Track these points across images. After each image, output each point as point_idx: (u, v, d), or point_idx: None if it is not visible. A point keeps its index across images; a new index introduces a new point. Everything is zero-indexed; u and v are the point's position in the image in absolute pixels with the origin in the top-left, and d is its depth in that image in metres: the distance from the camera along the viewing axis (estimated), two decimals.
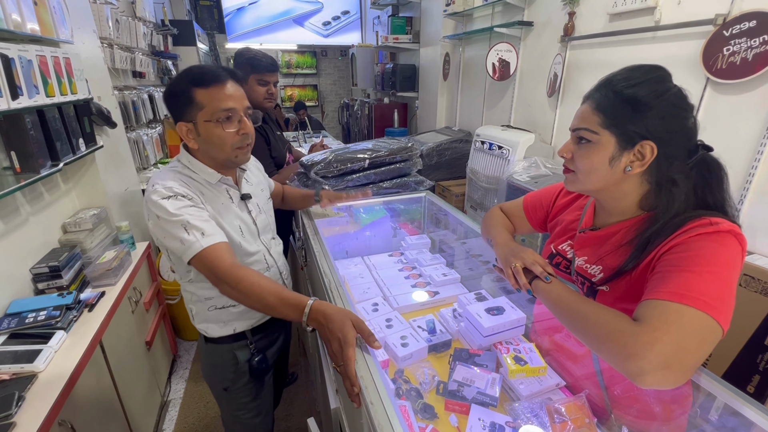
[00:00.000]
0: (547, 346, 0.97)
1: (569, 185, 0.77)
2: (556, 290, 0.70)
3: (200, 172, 0.97)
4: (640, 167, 0.67)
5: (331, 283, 0.87)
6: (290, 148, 1.83)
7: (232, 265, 0.85)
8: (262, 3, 5.66)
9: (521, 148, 2.44)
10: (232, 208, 1.02)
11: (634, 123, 0.65)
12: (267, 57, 1.55)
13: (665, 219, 0.66)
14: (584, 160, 0.71)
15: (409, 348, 0.99)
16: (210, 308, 1.03)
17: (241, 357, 1.08)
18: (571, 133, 0.74)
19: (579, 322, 0.64)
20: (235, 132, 0.92)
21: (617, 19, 1.99)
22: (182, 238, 0.85)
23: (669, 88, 0.65)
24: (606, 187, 0.72)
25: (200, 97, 0.89)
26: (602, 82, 0.70)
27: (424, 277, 1.35)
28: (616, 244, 0.73)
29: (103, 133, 1.79)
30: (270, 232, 1.15)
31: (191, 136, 0.93)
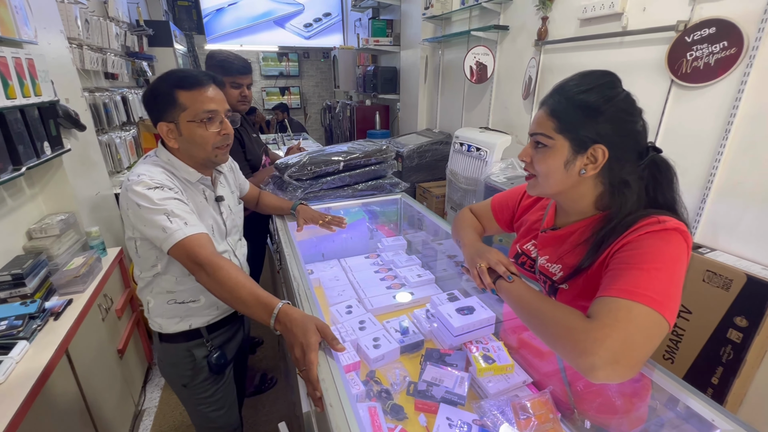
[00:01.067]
0: (515, 344, 0.99)
1: (531, 190, 0.79)
2: (517, 289, 0.72)
3: (181, 170, 0.99)
4: (593, 170, 0.69)
5: (300, 287, 0.86)
6: (267, 150, 1.82)
7: (213, 253, 0.86)
8: (242, 4, 5.60)
9: (498, 150, 2.48)
10: (207, 208, 1.04)
11: (586, 128, 0.67)
12: (239, 59, 1.54)
13: (618, 218, 0.68)
14: (542, 164, 0.73)
15: (380, 349, 1.00)
16: (169, 301, 1.03)
17: (198, 354, 1.08)
18: (530, 137, 0.76)
19: (537, 320, 0.66)
20: (217, 132, 0.96)
21: (587, 25, 2.05)
22: (165, 226, 0.85)
23: (618, 93, 0.67)
24: (564, 190, 0.74)
25: (183, 98, 0.92)
26: (556, 88, 0.72)
27: (400, 279, 1.36)
28: (574, 243, 0.76)
29: (71, 136, 1.74)
30: (237, 233, 1.17)
31: (172, 136, 0.95)
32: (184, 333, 1.05)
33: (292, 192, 1.34)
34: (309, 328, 0.69)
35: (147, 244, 0.96)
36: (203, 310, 1.06)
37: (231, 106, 1.59)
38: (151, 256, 0.98)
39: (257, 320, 0.76)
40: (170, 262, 0.99)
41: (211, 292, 0.84)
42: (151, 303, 1.04)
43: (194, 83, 0.93)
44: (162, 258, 0.98)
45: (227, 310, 1.12)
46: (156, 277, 1.01)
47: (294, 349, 0.69)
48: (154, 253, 0.97)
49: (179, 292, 1.02)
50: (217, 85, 0.98)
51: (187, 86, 0.92)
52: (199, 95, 0.93)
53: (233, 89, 1.55)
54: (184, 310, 1.04)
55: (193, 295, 1.03)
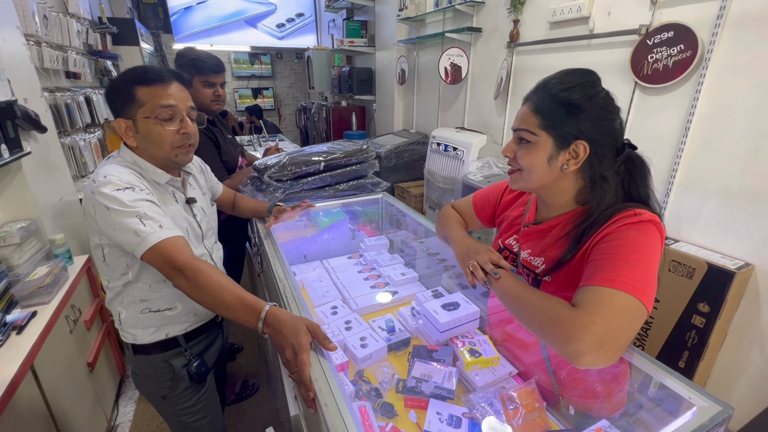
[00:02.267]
0: (500, 337, 1.01)
1: (514, 184, 0.81)
2: (506, 283, 0.74)
3: (148, 171, 0.95)
4: (575, 165, 0.72)
5: (286, 288, 0.85)
6: (243, 152, 1.78)
7: (192, 256, 0.82)
8: (212, 3, 5.45)
9: (474, 149, 2.53)
10: (179, 211, 0.99)
11: (569, 124, 0.70)
12: (212, 57, 1.50)
13: (598, 212, 0.72)
14: (526, 159, 0.75)
15: (368, 348, 0.99)
16: (143, 311, 0.98)
17: (176, 364, 1.03)
18: (513, 133, 0.78)
19: (524, 310, 0.67)
20: (176, 131, 0.92)
21: (556, 28, 2.13)
22: (137, 229, 0.81)
23: (599, 92, 0.71)
24: (546, 184, 0.77)
25: (141, 94, 0.88)
26: (539, 85, 0.74)
27: (383, 278, 1.36)
28: (555, 237, 0.78)
29: (31, 139, 1.64)
30: (213, 236, 1.14)
31: (130, 133, 0.91)
32: (161, 343, 1.00)
33: (272, 193, 1.32)
34: (299, 328, 0.67)
35: (116, 250, 0.91)
36: (180, 317, 1.01)
37: (204, 106, 1.54)
38: (120, 263, 0.93)
39: (243, 324, 0.74)
40: (143, 269, 0.94)
41: (191, 297, 0.80)
42: (123, 314, 0.98)
43: (154, 79, 0.88)
44: (133, 265, 0.93)
45: (206, 317, 1.08)
46: (127, 286, 0.96)
47: (285, 350, 0.67)
48: (125, 260, 0.92)
49: (154, 300, 0.97)
50: (182, 83, 0.94)
51: (146, 81, 0.88)
52: (159, 91, 0.89)
53: (206, 88, 1.51)
54: (160, 319, 0.99)
55: (169, 303, 0.99)
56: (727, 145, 1.49)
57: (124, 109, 0.89)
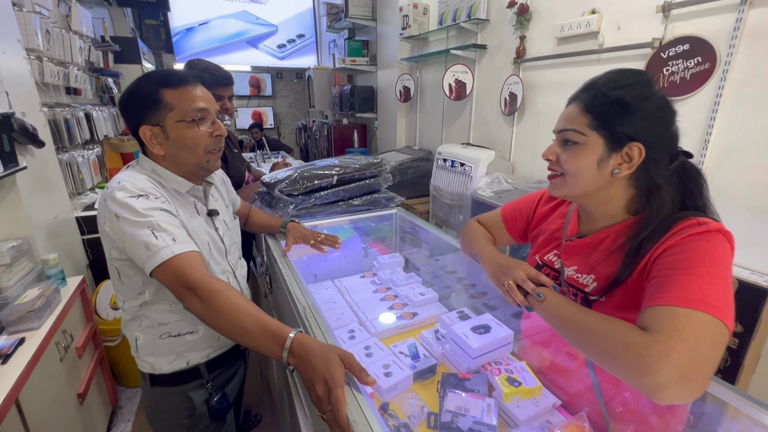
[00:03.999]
0: (537, 362, 0.92)
1: (555, 190, 0.74)
2: (555, 304, 0.66)
3: (168, 179, 0.87)
4: (627, 169, 0.66)
5: (306, 311, 0.77)
6: (249, 167, 1.72)
7: (207, 275, 0.73)
8: (213, 24, 5.52)
9: (483, 165, 2.49)
10: (201, 224, 0.92)
11: (623, 124, 0.64)
12: (220, 70, 1.46)
13: (656, 222, 0.65)
14: (572, 162, 0.69)
15: (393, 377, 0.90)
16: (163, 335, 0.88)
17: (197, 399, 0.93)
18: (556, 135, 0.72)
19: (584, 336, 0.59)
20: (209, 133, 0.86)
21: (564, 43, 2.12)
22: (148, 242, 0.73)
23: (655, 92, 0.65)
24: (593, 191, 0.70)
25: (169, 97, 0.82)
26: (588, 84, 0.69)
27: (401, 298, 1.28)
28: (606, 251, 0.71)
29: (27, 153, 1.56)
30: (237, 251, 1.05)
31: (157, 141, 0.84)
32: (181, 373, 0.91)
33: (283, 208, 1.25)
34: (332, 359, 0.58)
35: (131, 266, 0.82)
36: (203, 342, 0.92)
37: None
38: (136, 281, 0.84)
39: (265, 353, 0.65)
40: (160, 288, 0.85)
41: (205, 321, 0.71)
42: (140, 339, 0.89)
43: (181, 80, 0.83)
44: (150, 283, 0.84)
45: (229, 342, 0.98)
46: (144, 308, 0.87)
47: (315, 386, 0.58)
48: (140, 277, 0.83)
49: (174, 323, 0.88)
50: (205, 85, 0.89)
51: (173, 84, 0.82)
52: (188, 93, 0.83)
53: None
54: (181, 345, 0.90)
55: (191, 325, 0.90)
56: (750, 157, 1.45)
57: (148, 116, 0.82)
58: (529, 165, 2.49)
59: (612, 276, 0.68)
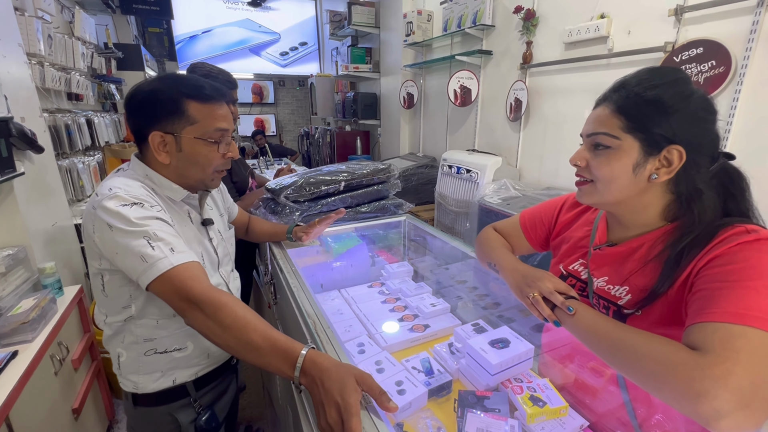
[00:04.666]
0: (561, 380, 0.87)
1: (585, 197, 0.69)
2: (587, 318, 0.61)
3: (163, 186, 0.83)
4: (666, 174, 0.62)
5: (316, 324, 0.71)
6: (252, 173, 1.68)
7: (210, 287, 0.68)
8: (216, 32, 5.54)
9: (490, 171, 2.45)
10: (195, 234, 0.88)
11: (661, 126, 0.60)
12: (224, 73, 1.42)
13: (698, 229, 0.60)
14: (604, 167, 0.64)
15: (406, 395, 0.84)
16: (148, 352, 0.83)
17: (183, 419, 0.87)
18: (585, 138, 0.68)
19: (624, 354, 0.54)
20: (222, 155, 0.84)
21: (572, 48, 2.09)
22: (144, 253, 0.68)
23: (694, 90, 0.61)
24: (627, 198, 0.66)
25: (194, 111, 0.79)
26: (619, 84, 0.65)
27: (411, 309, 1.22)
28: (641, 261, 0.66)
29: (26, 159, 1.53)
30: (230, 263, 1.01)
31: (166, 149, 0.80)
32: (166, 392, 0.85)
33: (289, 215, 1.20)
34: (347, 383, 0.53)
35: (118, 278, 0.77)
36: (191, 359, 0.87)
37: None
38: (122, 294, 0.79)
39: (274, 372, 0.60)
40: (149, 302, 0.80)
41: (209, 337, 0.66)
42: (123, 356, 0.83)
43: (210, 97, 0.80)
44: (138, 297, 0.79)
45: (219, 359, 0.93)
46: (129, 323, 0.82)
47: (327, 411, 0.52)
48: (128, 290, 0.78)
49: (161, 339, 0.83)
50: (227, 103, 0.86)
51: (202, 98, 0.79)
52: (214, 111, 0.80)
53: None
54: (167, 362, 0.84)
55: (179, 342, 0.85)
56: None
57: (164, 122, 0.78)
58: (537, 171, 2.45)
59: (648, 288, 0.63)
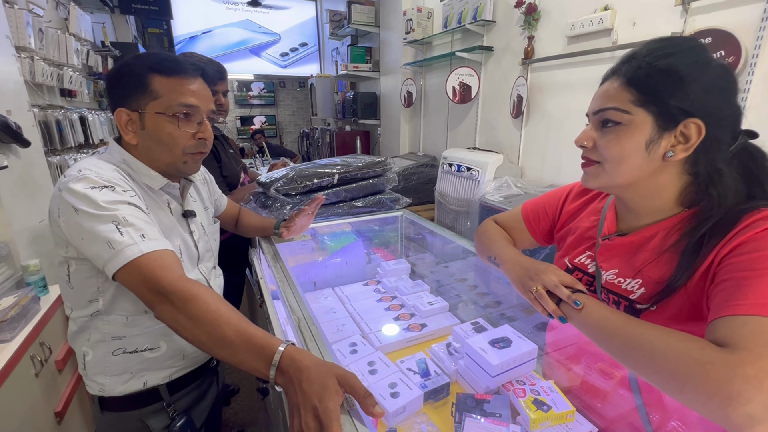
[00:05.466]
0: (567, 382, 0.81)
1: (591, 181, 0.64)
2: (597, 313, 0.55)
3: (140, 172, 0.78)
4: (683, 151, 0.56)
5: (302, 322, 0.66)
6: (245, 168, 1.62)
7: (182, 277, 0.63)
8: (216, 33, 5.52)
9: (491, 169, 2.39)
10: (174, 225, 0.82)
11: (677, 97, 0.54)
12: (213, 63, 1.38)
13: (719, 214, 0.54)
14: (614, 146, 0.58)
15: (400, 399, 0.79)
16: (116, 351, 0.76)
17: (155, 425, 0.81)
18: (592, 116, 0.62)
19: (640, 353, 0.48)
20: (192, 134, 0.77)
21: (575, 42, 2.04)
22: (111, 239, 0.62)
23: (711, 58, 0.55)
24: (638, 181, 0.60)
25: (157, 84, 0.74)
26: (629, 55, 0.59)
27: (407, 308, 1.17)
28: (655, 251, 0.60)
29: (10, 153, 1.48)
30: (211, 260, 0.95)
31: (132, 128, 0.75)
32: (136, 395, 0.78)
33: (279, 209, 1.15)
34: (328, 384, 0.47)
35: (85, 268, 0.71)
36: (164, 360, 0.80)
37: None
38: (89, 286, 0.73)
39: (250, 371, 0.54)
40: (119, 296, 0.74)
41: (179, 332, 0.60)
42: (89, 355, 0.77)
43: (177, 69, 0.75)
44: (106, 290, 0.73)
45: (197, 360, 0.86)
46: (95, 318, 0.75)
47: (303, 415, 0.46)
48: (95, 282, 0.72)
49: (131, 337, 0.76)
50: (206, 80, 0.81)
51: (166, 71, 0.74)
52: (180, 85, 0.75)
53: None
54: (138, 363, 0.78)
55: (151, 341, 0.78)
56: None
57: (130, 99, 0.74)
58: (539, 169, 2.39)
59: (664, 280, 0.57)
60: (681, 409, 0.65)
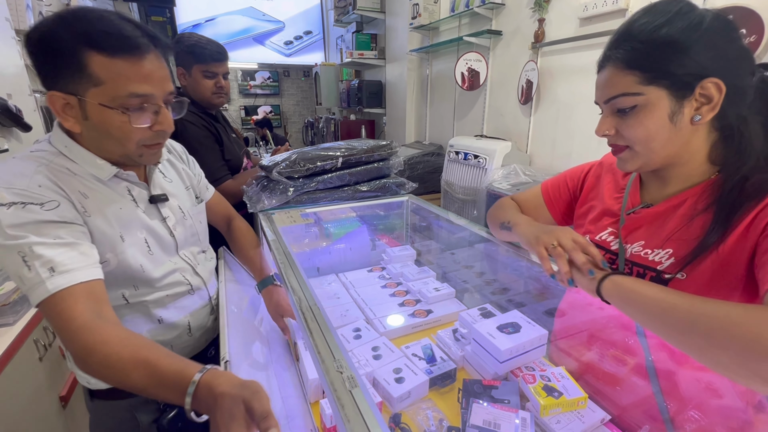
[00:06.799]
0: (577, 369, 0.78)
1: (629, 164, 0.61)
2: (626, 282, 0.52)
3: (83, 162, 0.66)
4: (711, 111, 0.54)
5: (302, 302, 0.63)
6: (248, 153, 1.60)
7: (90, 321, 0.54)
8: (220, 21, 5.46)
9: (498, 156, 2.34)
10: (136, 216, 0.72)
11: (684, 65, 0.52)
12: (213, 43, 1.34)
13: (749, 165, 0.52)
14: (637, 129, 0.56)
15: (405, 384, 0.76)
16: None
17: (143, 418, 0.77)
18: (602, 106, 0.61)
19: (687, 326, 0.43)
20: (147, 127, 0.64)
21: (588, 24, 1.97)
22: (21, 275, 0.55)
23: (702, 14, 0.53)
24: (675, 151, 0.58)
25: (98, 67, 0.57)
26: (620, 36, 0.57)
27: (413, 294, 1.14)
28: (685, 217, 0.58)
29: (12, 137, 1.47)
30: (197, 244, 0.86)
31: (71, 114, 0.61)
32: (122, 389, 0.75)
33: (282, 192, 1.12)
34: (235, 414, 0.43)
35: None
36: None
37: (205, 99, 1.37)
38: None
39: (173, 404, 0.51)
40: None
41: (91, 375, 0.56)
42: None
43: (120, 46, 0.58)
44: None
45: (187, 352, 0.82)
46: None
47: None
48: None
49: None
50: (161, 51, 0.65)
51: (106, 48, 0.57)
52: (128, 69, 0.59)
53: (207, 79, 1.34)
54: None
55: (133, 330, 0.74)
56: None
57: (62, 79, 0.59)
58: (548, 156, 2.34)
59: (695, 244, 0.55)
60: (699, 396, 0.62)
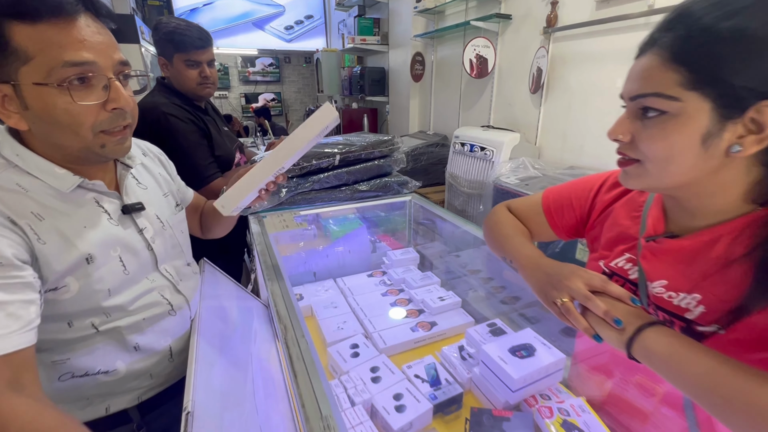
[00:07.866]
0: (599, 397, 0.70)
1: (632, 181, 0.50)
2: (662, 342, 0.43)
3: (40, 173, 0.56)
4: (756, 144, 0.41)
5: (288, 333, 0.55)
6: (241, 147, 1.50)
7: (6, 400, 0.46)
8: (218, 5, 5.29)
9: (506, 149, 2.23)
10: (107, 232, 0.62)
11: (747, 74, 0.39)
12: (193, 29, 1.23)
13: None
14: (659, 142, 0.44)
15: (407, 413, 0.69)
16: (63, 377, 0.61)
17: None
18: (628, 102, 0.48)
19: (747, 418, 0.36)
20: (99, 105, 0.55)
21: (605, 6, 1.84)
22: None
23: None
24: (693, 181, 0.46)
25: (22, 38, 0.49)
26: (675, 16, 0.43)
27: (416, 303, 1.06)
28: (720, 260, 0.47)
29: None
30: (179, 257, 0.76)
31: (12, 108, 0.53)
32: (101, 420, 0.65)
33: (275, 193, 1.04)
34: None
35: None
36: (126, 383, 0.66)
37: (190, 91, 1.27)
38: None
39: None
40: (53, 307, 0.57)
41: None
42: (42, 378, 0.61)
43: (42, 9, 0.49)
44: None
45: (170, 378, 0.73)
46: None
47: None
48: None
49: (76, 359, 0.61)
50: (97, 15, 0.55)
51: (26, 14, 0.49)
52: (56, 33, 0.50)
53: (190, 69, 1.24)
54: (93, 387, 0.63)
55: (104, 363, 0.63)
56: None
57: None
58: (559, 149, 2.23)
59: (733, 300, 0.45)
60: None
